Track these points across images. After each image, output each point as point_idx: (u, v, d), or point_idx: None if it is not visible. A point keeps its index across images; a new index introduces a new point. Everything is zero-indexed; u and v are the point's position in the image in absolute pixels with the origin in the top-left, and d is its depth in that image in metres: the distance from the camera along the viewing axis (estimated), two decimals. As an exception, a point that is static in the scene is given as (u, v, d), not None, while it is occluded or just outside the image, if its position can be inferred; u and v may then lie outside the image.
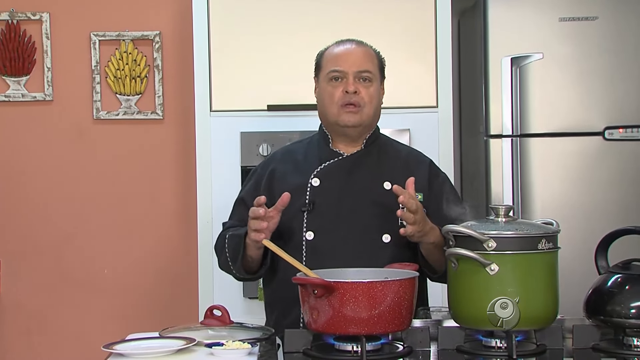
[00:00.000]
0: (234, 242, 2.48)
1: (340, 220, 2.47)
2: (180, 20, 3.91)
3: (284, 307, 2.51)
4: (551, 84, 3.60)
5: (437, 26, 3.52)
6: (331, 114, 2.53)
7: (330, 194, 2.50)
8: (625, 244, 2.33)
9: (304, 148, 2.63)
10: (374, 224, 2.46)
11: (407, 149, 2.70)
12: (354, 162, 2.54)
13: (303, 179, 2.52)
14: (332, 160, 2.54)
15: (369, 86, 2.53)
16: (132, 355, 2.07)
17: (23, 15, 3.91)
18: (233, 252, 2.48)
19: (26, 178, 3.95)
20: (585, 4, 3.60)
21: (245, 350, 2.03)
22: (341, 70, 2.52)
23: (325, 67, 2.56)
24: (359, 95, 2.50)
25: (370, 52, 2.58)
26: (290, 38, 3.49)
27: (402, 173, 2.48)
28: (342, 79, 2.52)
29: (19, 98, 3.92)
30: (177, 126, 3.95)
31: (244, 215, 2.49)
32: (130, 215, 3.96)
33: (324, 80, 2.55)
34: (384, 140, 2.63)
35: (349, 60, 2.53)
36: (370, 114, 2.53)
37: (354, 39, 2.62)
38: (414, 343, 2.14)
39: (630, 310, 2.10)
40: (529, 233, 2.07)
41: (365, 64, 2.53)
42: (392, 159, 2.58)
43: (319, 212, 2.47)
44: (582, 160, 3.60)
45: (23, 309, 3.95)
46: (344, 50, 2.56)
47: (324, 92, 2.54)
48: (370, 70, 2.54)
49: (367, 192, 2.50)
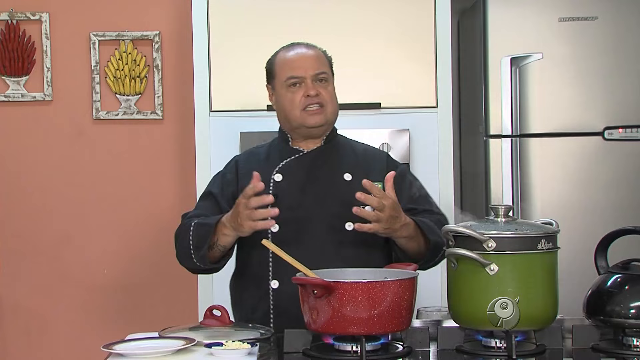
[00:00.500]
0: (202, 230, 2.49)
1: (304, 212, 2.53)
2: (180, 21, 3.91)
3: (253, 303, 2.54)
4: (551, 84, 3.60)
5: (436, 26, 3.52)
6: (294, 119, 2.60)
7: (293, 187, 2.58)
8: (624, 244, 2.33)
9: (266, 149, 2.71)
10: (336, 214, 2.51)
11: (364, 146, 2.77)
12: (315, 157, 2.63)
13: (266, 176, 2.58)
14: (293, 157, 2.63)
15: (327, 86, 2.62)
16: (132, 355, 2.07)
17: (22, 15, 3.91)
18: (199, 240, 2.49)
19: (26, 178, 3.95)
20: (585, 4, 3.60)
21: (244, 350, 2.04)
22: (299, 76, 2.59)
23: (280, 74, 2.62)
24: (320, 96, 2.59)
25: (320, 54, 2.66)
26: (290, 38, 3.45)
27: (361, 165, 2.61)
28: (301, 83, 2.59)
29: (19, 98, 3.92)
30: (177, 126, 3.95)
31: (211, 209, 2.58)
32: (129, 215, 3.96)
33: (281, 87, 2.62)
34: (341, 138, 2.72)
35: (305, 65, 2.60)
36: (332, 111, 2.62)
37: (302, 42, 2.68)
38: (413, 343, 2.14)
39: (630, 311, 2.10)
40: (528, 233, 2.07)
41: (320, 66, 2.62)
42: (350, 153, 2.67)
43: (282, 205, 2.50)
44: (581, 160, 3.60)
45: (23, 309, 3.95)
46: (298, 56, 2.62)
47: (284, 98, 2.61)
48: (325, 71, 2.63)
49: (329, 184, 2.58)
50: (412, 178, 2.70)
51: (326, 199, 2.55)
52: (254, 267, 2.56)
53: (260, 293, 2.55)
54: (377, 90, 3.53)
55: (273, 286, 2.53)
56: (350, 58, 3.50)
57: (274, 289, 2.53)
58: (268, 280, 2.54)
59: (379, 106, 3.52)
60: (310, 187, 2.58)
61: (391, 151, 3.47)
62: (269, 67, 2.67)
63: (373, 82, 3.53)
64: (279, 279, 2.52)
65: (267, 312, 2.52)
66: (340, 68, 3.51)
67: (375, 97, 3.52)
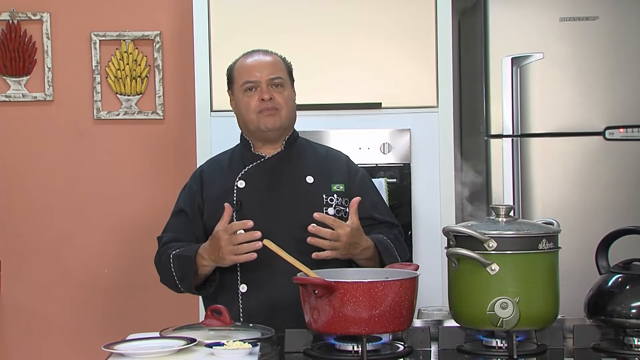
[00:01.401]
0: (182, 263, 2.56)
1: (268, 216, 2.57)
2: (181, 20, 3.91)
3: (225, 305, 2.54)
4: (551, 84, 3.60)
5: (437, 26, 3.52)
6: (251, 122, 2.66)
7: (256, 193, 2.63)
8: (625, 244, 2.33)
9: (229, 156, 2.77)
10: (300, 217, 2.53)
11: (325, 148, 2.83)
12: (276, 162, 2.68)
13: (229, 183, 2.65)
14: (255, 163, 2.67)
15: (282, 91, 2.67)
16: (133, 355, 2.07)
17: (23, 15, 3.91)
18: (182, 272, 2.57)
19: (26, 178, 3.95)
20: (586, 4, 3.60)
21: (245, 350, 2.04)
22: (254, 80, 2.65)
23: (238, 80, 2.69)
24: (275, 100, 2.64)
25: (277, 59, 2.72)
26: (290, 38, 3.49)
27: (321, 168, 2.67)
28: (256, 88, 2.65)
29: (20, 98, 3.92)
30: (178, 126, 3.95)
31: (183, 226, 2.67)
32: (130, 215, 3.96)
33: (239, 92, 2.68)
34: (302, 141, 2.76)
35: (260, 69, 2.66)
36: (287, 115, 2.67)
37: (260, 49, 2.76)
38: (414, 343, 2.14)
39: (631, 310, 2.10)
40: (529, 233, 2.07)
41: (275, 71, 2.67)
42: (311, 156, 2.71)
43: (247, 210, 2.57)
44: (582, 160, 3.60)
45: (23, 309, 3.95)
46: (254, 62, 2.69)
47: (241, 102, 2.68)
48: (281, 76, 2.68)
49: (291, 188, 2.63)
50: (372, 184, 2.78)
51: (289, 203, 2.60)
52: (224, 270, 2.59)
53: (231, 295, 2.59)
54: (378, 90, 3.52)
55: (242, 290, 2.58)
56: (351, 58, 3.51)
57: (242, 293, 2.58)
58: (237, 284, 2.58)
59: (379, 106, 3.52)
60: (273, 192, 2.62)
61: (392, 151, 3.48)
62: (229, 74, 2.75)
63: (374, 82, 3.53)
64: (247, 283, 2.57)
65: (237, 315, 2.56)
66: (340, 68, 3.54)
67: (375, 97, 3.52)
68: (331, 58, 3.50)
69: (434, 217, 3.49)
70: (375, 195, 2.73)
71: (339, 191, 2.65)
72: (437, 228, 3.32)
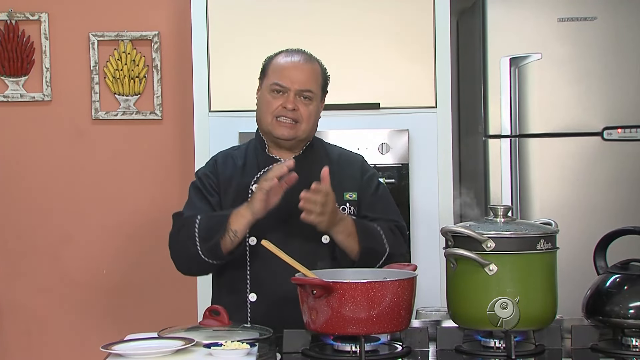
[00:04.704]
0: (212, 221, 2.49)
1: (280, 224, 2.52)
2: (179, 21, 3.91)
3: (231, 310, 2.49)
4: (550, 84, 3.60)
5: (435, 26, 3.52)
6: (265, 123, 2.59)
7: None
8: (624, 244, 2.33)
9: (243, 153, 2.68)
10: (312, 226, 2.46)
11: (339, 151, 2.75)
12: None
13: (243, 184, 2.59)
14: (269, 167, 2.57)
15: (309, 104, 2.58)
16: (131, 355, 2.07)
17: (22, 16, 3.91)
18: (208, 231, 2.47)
19: (25, 178, 3.95)
20: (584, 4, 3.60)
21: (244, 351, 2.04)
22: (284, 86, 2.56)
23: (269, 77, 2.60)
24: (297, 112, 2.56)
25: (316, 70, 2.61)
26: (290, 38, 3.48)
27: (334, 175, 2.50)
28: (284, 93, 2.56)
29: (18, 98, 3.92)
30: (176, 126, 3.95)
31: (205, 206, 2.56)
32: (129, 215, 3.96)
33: (266, 88, 2.60)
34: (316, 143, 2.69)
35: (294, 77, 2.56)
36: (306, 130, 2.59)
37: (302, 51, 2.65)
38: (412, 343, 2.14)
39: (629, 311, 2.10)
40: (527, 233, 2.07)
41: (308, 83, 2.58)
42: (324, 161, 2.61)
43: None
44: (580, 160, 3.60)
45: (22, 310, 3.95)
46: (291, 65, 2.59)
47: (264, 99, 2.60)
48: (312, 90, 2.58)
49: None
50: (384, 190, 2.70)
51: (300, 212, 2.50)
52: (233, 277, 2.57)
53: (238, 302, 2.55)
54: (377, 91, 3.53)
55: (251, 299, 2.55)
56: (350, 58, 3.51)
57: (251, 302, 2.55)
58: (246, 292, 2.55)
59: (378, 106, 3.52)
60: (286, 198, 2.52)
61: (391, 151, 3.48)
62: (264, 65, 2.66)
63: (372, 82, 3.53)
64: (256, 291, 2.54)
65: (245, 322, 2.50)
66: (339, 68, 3.53)
67: (374, 97, 3.52)
68: (330, 58, 3.48)
69: (432, 218, 3.49)
70: (377, 198, 2.66)
71: (352, 200, 2.60)
72: (436, 228, 3.32)
